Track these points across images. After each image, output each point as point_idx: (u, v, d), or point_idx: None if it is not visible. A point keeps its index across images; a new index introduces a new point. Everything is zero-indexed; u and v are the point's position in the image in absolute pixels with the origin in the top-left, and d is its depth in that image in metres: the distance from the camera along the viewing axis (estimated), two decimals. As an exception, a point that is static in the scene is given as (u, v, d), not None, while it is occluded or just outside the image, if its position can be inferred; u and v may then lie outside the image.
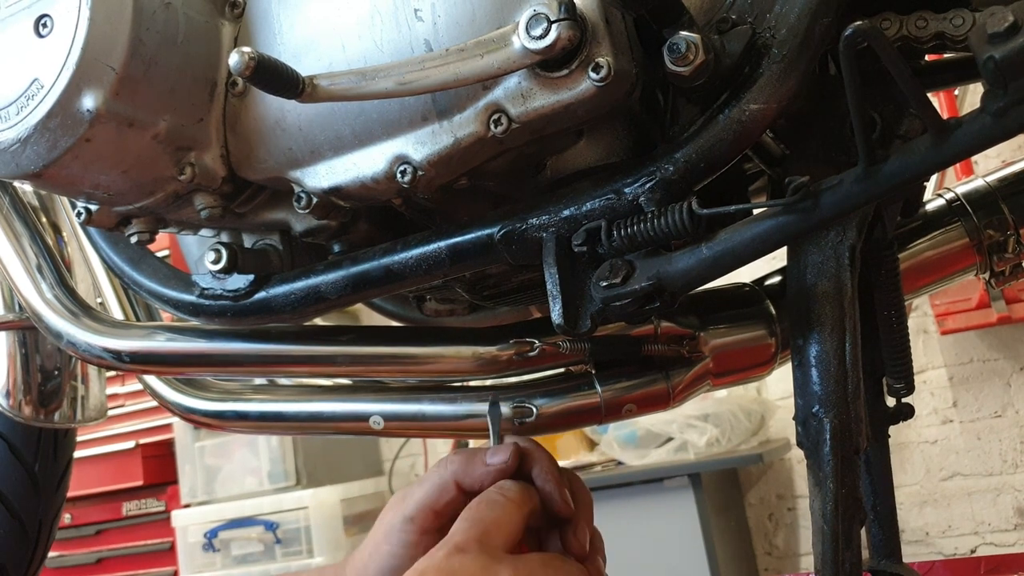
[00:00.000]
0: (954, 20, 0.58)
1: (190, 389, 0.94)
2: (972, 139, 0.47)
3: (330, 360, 0.81)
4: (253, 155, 0.66)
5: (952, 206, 0.84)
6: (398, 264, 0.69)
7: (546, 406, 0.78)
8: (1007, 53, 0.43)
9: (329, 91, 0.54)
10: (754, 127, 0.58)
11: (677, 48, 0.56)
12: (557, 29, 0.53)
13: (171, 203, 0.67)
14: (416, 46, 0.58)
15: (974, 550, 2.82)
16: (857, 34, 0.45)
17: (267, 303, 0.74)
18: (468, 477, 0.72)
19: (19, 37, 0.59)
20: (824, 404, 0.62)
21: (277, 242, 0.76)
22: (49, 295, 0.93)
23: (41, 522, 1.29)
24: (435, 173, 0.61)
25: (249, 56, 0.50)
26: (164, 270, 0.80)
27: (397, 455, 3.77)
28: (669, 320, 0.77)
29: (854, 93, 0.47)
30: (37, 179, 0.61)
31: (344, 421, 0.87)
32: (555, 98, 0.56)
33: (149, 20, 0.59)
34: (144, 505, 3.70)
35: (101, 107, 0.57)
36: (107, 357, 0.86)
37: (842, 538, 0.60)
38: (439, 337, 0.80)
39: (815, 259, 0.65)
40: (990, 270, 0.83)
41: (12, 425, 1.26)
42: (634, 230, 0.59)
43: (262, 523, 3.30)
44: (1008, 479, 2.82)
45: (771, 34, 0.58)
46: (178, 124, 0.62)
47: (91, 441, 3.50)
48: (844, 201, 0.52)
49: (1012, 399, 2.83)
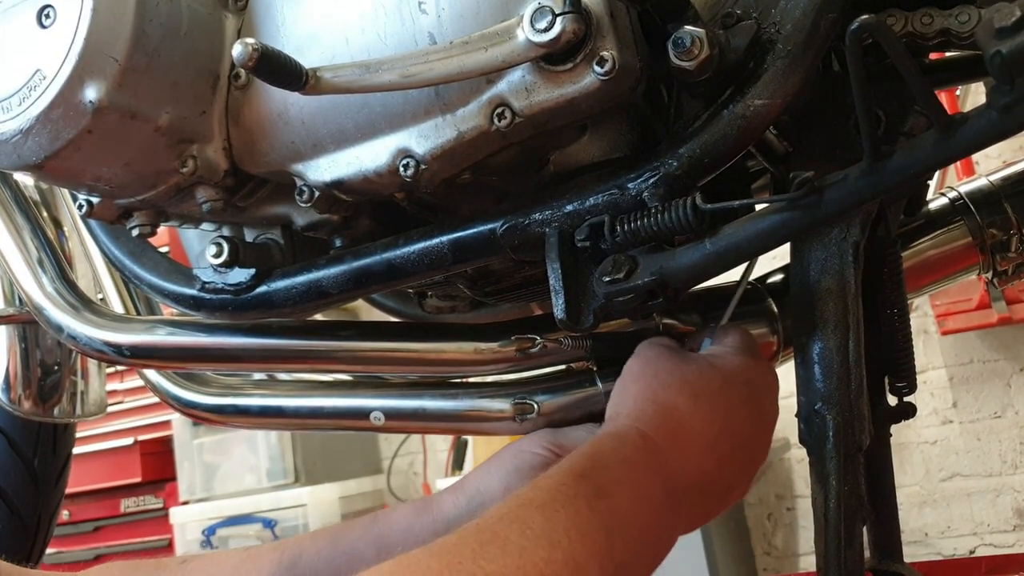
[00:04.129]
0: (960, 16, 0.57)
1: (190, 384, 0.94)
2: (978, 135, 0.47)
3: (331, 355, 0.81)
4: (255, 148, 0.65)
5: (955, 205, 0.83)
6: (400, 259, 0.68)
7: (548, 402, 0.78)
8: (1014, 48, 0.42)
9: (333, 83, 0.54)
10: (758, 123, 0.58)
11: (682, 43, 0.56)
12: (562, 22, 0.52)
13: (173, 196, 0.67)
14: (420, 39, 0.58)
15: (973, 551, 2.82)
16: (863, 28, 0.44)
17: (268, 297, 0.73)
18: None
19: (22, 28, 0.59)
20: (827, 401, 0.62)
21: (278, 236, 0.76)
22: (50, 289, 0.92)
23: (40, 516, 1.29)
24: (438, 167, 0.61)
25: (253, 47, 0.50)
26: (165, 264, 0.79)
27: (396, 453, 3.77)
28: (671, 317, 0.76)
29: (860, 87, 0.47)
30: (39, 171, 0.61)
31: (345, 417, 0.87)
32: (559, 92, 0.56)
33: (152, 11, 0.58)
34: (142, 502, 3.70)
35: (103, 99, 0.57)
36: (107, 351, 0.86)
37: (844, 536, 0.60)
38: (440, 333, 0.80)
39: (819, 256, 0.65)
40: (993, 269, 0.83)
41: (12, 419, 1.26)
42: (637, 225, 0.58)
43: (260, 520, 3.29)
44: (1008, 480, 2.81)
45: (776, 29, 0.58)
46: (180, 116, 0.62)
47: (90, 437, 3.50)
48: (849, 197, 0.52)
49: (1012, 400, 2.82)
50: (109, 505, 3.71)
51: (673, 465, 0.61)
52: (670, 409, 0.64)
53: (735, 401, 0.66)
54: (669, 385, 0.65)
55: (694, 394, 0.64)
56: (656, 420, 0.63)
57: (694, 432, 0.63)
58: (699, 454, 0.63)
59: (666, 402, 0.64)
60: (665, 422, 0.63)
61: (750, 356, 0.69)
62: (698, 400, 0.64)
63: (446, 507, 0.75)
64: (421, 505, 0.76)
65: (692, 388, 0.65)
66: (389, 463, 3.77)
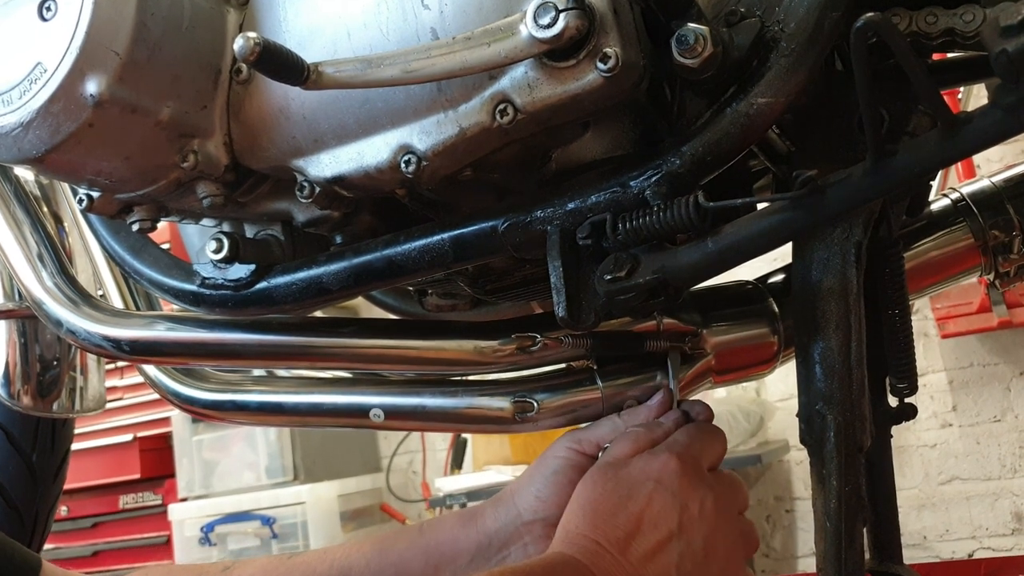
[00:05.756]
0: (964, 16, 0.57)
1: (189, 379, 0.94)
2: (983, 134, 0.47)
3: (331, 352, 0.81)
4: (256, 143, 0.65)
5: (957, 206, 0.83)
6: (401, 256, 0.68)
7: (547, 401, 0.78)
8: (1020, 47, 0.42)
9: (334, 78, 0.54)
10: (761, 121, 0.58)
11: (685, 40, 0.55)
12: (565, 18, 0.52)
13: (173, 191, 0.67)
14: (422, 34, 0.58)
15: (971, 554, 2.82)
16: (868, 26, 0.44)
17: (268, 293, 0.73)
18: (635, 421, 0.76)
19: (23, 20, 0.59)
20: (828, 401, 0.62)
21: (279, 232, 0.75)
22: (49, 283, 0.92)
23: (38, 512, 1.29)
24: (439, 163, 0.61)
25: (254, 41, 0.50)
26: (165, 259, 0.79)
27: (395, 452, 3.77)
28: (672, 317, 0.76)
29: (864, 85, 0.47)
30: (39, 164, 0.61)
31: (344, 414, 0.87)
32: (562, 89, 0.56)
33: (154, 5, 0.58)
34: (141, 498, 3.69)
35: (104, 92, 0.57)
36: (107, 346, 0.86)
37: (845, 536, 0.60)
38: (441, 331, 0.79)
39: (821, 255, 0.64)
40: (994, 271, 0.83)
41: (10, 414, 1.26)
42: (639, 223, 0.58)
43: (259, 518, 3.29)
44: (1006, 484, 2.81)
45: (780, 27, 0.58)
46: (182, 111, 0.62)
47: (89, 434, 3.49)
48: (852, 196, 0.52)
49: (1012, 404, 2.82)
50: (107, 501, 3.71)
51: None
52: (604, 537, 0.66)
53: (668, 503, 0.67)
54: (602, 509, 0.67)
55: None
56: (590, 549, 0.65)
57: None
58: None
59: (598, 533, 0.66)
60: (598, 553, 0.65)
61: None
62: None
63: (488, 520, 0.77)
64: (467, 516, 0.79)
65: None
66: (388, 461, 3.77)
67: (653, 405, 0.76)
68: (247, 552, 3.28)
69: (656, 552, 0.65)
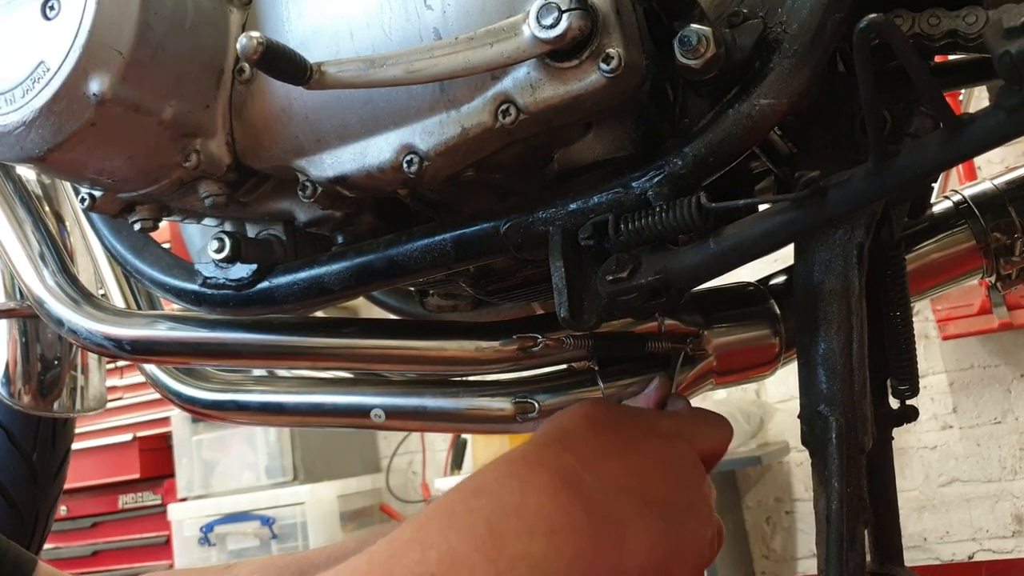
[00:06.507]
0: (967, 17, 0.57)
1: (190, 379, 0.94)
2: (986, 135, 0.47)
3: (332, 352, 0.81)
4: (259, 143, 0.65)
5: (959, 208, 0.83)
6: (403, 256, 0.68)
7: (548, 401, 0.78)
8: (1023, 48, 0.42)
9: (337, 78, 0.54)
10: (764, 122, 0.58)
11: (688, 41, 0.55)
12: (568, 19, 0.52)
13: (176, 190, 0.67)
14: (425, 34, 0.58)
15: (972, 556, 2.82)
16: (871, 27, 0.44)
17: (270, 293, 0.73)
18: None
19: (26, 19, 0.59)
20: (830, 402, 0.62)
21: (281, 232, 0.75)
22: (51, 282, 0.92)
23: (38, 511, 1.29)
24: (442, 164, 0.61)
25: (257, 41, 0.50)
26: (167, 258, 0.79)
27: (395, 452, 3.77)
28: (673, 318, 0.76)
29: (867, 86, 0.47)
30: (41, 163, 0.61)
31: (345, 414, 0.87)
32: (564, 89, 0.56)
33: (157, 4, 0.58)
34: (140, 498, 3.70)
35: (107, 91, 0.57)
36: (108, 345, 0.86)
37: (846, 538, 0.59)
38: (442, 331, 0.79)
39: (823, 257, 0.64)
40: (996, 273, 0.83)
41: (11, 413, 1.26)
42: (641, 224, 0.58)
43: (258, 518, 3.29)
44: (1007, 486, 2.81)
45: (783, 29, 0.58)
46: (184, 110, 0.62)
47: (89, 433, 3.50)
48: (854, 197, 0.52)
49: (1012, 406, 2.82)
50: (107, 501, 3.71)
51: (576, 466, 0.59)
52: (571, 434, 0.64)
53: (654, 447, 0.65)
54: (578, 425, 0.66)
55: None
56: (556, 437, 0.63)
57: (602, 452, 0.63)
58: (613, 465, 0.61)
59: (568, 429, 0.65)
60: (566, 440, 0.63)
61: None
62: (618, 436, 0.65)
63: None
64: None
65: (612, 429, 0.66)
66: (388, 462, 3.77)
67: (651, 392, 0.75)
68: (247, 552, 3.28)
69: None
